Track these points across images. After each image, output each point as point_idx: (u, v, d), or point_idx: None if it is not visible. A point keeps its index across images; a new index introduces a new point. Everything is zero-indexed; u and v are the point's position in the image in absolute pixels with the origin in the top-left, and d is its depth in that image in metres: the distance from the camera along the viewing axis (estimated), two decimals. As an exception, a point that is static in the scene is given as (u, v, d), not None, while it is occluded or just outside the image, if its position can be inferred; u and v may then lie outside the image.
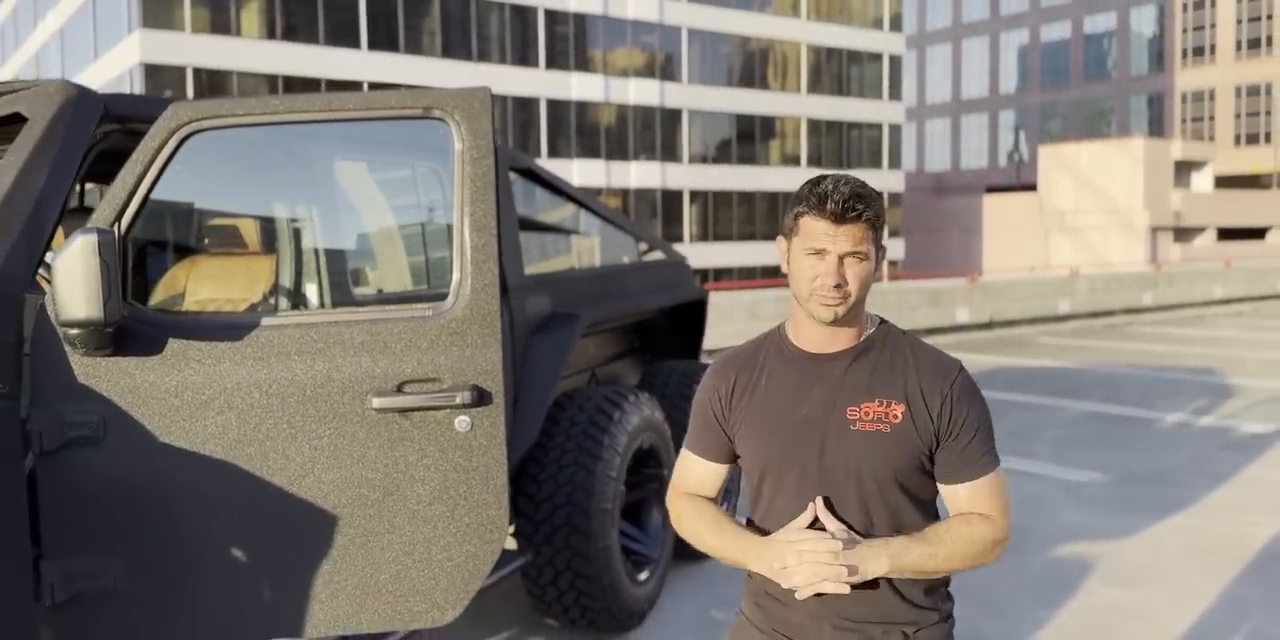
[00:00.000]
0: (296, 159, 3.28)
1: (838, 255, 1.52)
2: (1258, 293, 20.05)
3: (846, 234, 1.51)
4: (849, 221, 1.51)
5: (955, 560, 1.54)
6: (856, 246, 1.52)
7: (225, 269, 3.00)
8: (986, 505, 1.58)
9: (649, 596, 3.88)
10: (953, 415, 1.56)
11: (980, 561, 1.56)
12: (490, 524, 2.33)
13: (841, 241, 1.51)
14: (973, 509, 1.58)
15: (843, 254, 1.52)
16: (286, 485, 2.25)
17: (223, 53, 28.94)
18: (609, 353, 4.81)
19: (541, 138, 34.45)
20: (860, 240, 1.52)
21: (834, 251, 1.52)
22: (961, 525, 1.56)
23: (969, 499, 1.59)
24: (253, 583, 2.29)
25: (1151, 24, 51.69)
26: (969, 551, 1.54)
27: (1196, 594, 4.16)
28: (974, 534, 1.55)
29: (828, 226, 1.51)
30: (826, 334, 1.60)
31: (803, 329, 1.63)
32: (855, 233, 1.51)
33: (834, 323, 1.56)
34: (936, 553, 1.52)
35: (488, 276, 2.32)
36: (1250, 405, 8.59)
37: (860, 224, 1.52)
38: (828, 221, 1.51)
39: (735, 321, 11.42)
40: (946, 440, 1.57)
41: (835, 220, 1.51)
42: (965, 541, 1.54)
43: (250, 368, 2.25)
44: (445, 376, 2.30)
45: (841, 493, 1.57)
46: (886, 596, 1.57)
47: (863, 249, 1.52)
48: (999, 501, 1.59)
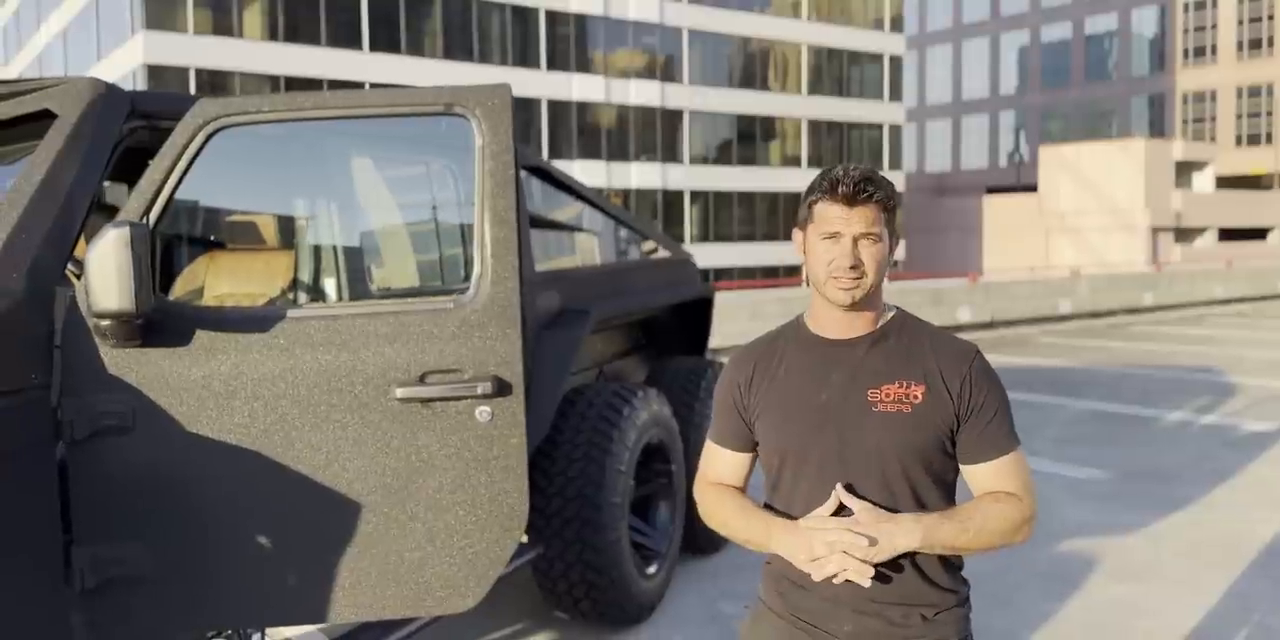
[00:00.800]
0: (314, 155, 3.32)
1: (852, 237, 1.56)
2: (1259, 293, 20.08)
3: (859, 216, 1.55)
4: (861, 203, 1.55)
5: (985, 536, 1.55)
6: (870, 228, 1.56)
7: (244, 264, 3.04)
8: (1011, 484, 1.61)
9: (657, 590, 3.92)
10: (973, 396, 1.59)
11: (1010, 540, 1.58)
12: (510, 512, 2.38)
13: (855, 223, 1.55)
14: (998, 488, 1.61)
15: (857, 236, 1.56)
16: (311, 474, 2.29)
17: (225, 54, 28.98)
18: (617, 349, 4.84)
19: (543, 138, 34.48)
20: (873, 222, 1.56)
21: (848, 233, 1.56)
22: (991, 502, 1.58)
23: (993, 478, 1.61)
24: (277, 569, 2.33)
25: (1153, 25, 51.68)
26: (1000, 528, 1.56)
27: (1201, 589, 4.20)
28: (1004, 511, 1.57)
29: (840, 209, 1.56)
30: (845, 320, 1.63)
31: (821, 316, 1.66)
32: (868, 214, 1.56)
33: (851, 306, 1.59)
34: (968, 528, 1.54)
35: (508, 269, 2.36)
36: (1252, 404, 8.62)
37: (872, 205, 1.56)
38: (840, 204, 1.56)
39: (738, 321, 11.47)
40: (967, 421, 1.60)
41: (847, 202, 1.55)
42: (996, 518, 1.56)
43: (276, 359, 2.29)
44: (466, 367, 2.34)
45: (864, 475, 1.59)
46: (910, 576, 1.59)
47: (876, 230, 1.56)
48: (1022, 480, 1.62)
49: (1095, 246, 35.22)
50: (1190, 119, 50.87)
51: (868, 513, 1.55)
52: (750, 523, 1.65)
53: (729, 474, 1.77)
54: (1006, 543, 1.59)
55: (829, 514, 1.57)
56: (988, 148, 56.54)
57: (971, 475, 1.64)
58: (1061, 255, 35.69)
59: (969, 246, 40.36)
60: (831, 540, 1.51)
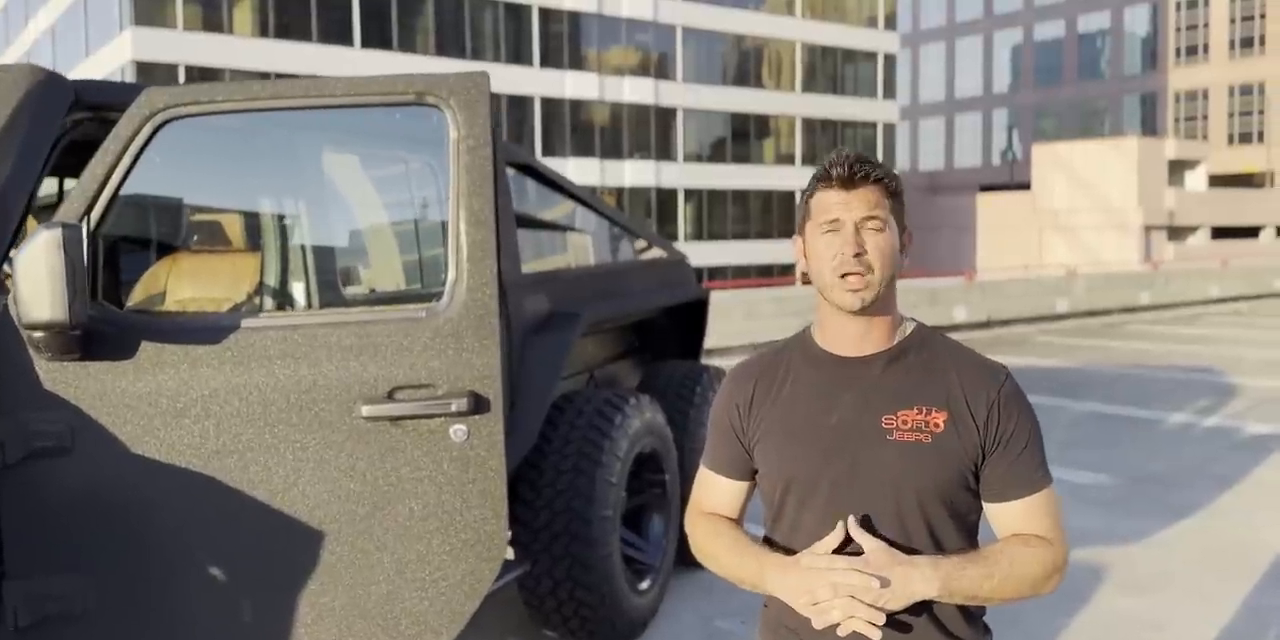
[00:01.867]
0: (282, 150, 3.14)
1: (853, 223, 1.40)
2: (1254, 292, 20.04)
3: (859, 199, 1.40)
4: (859, 184, 1.40)
5: (1011, 586, 1.37)
6: (872, 211, 1.40)
7: (208, 267, 2.87)
8: (1041, 526, 1.43)
9: (650, 606, 3.78)
10: (1000, 425, 1.42)
11: (1038, 590, 1.40)
12: (488, 540, 2.20)
13: (855, 207, 1.40)
14: (1026, 530, 1.43)
15: (858, 221, 1.40)
16: (269, 499, 2.11)
17: (215, 50, 28.80)
18: (608, 353, 4.69)
19: (536, 136, 34.36)
20: (874, 205, 1.40)
21: (848, 219, 1.40)
22: (1020, 546, 1.41)
23: (1021, 519, 1.43)
24: (232, 603, 2.15)
25: (1145, 23, 51.77)
26: (1027, 576, 1.38)
27: (1213, 601, 4.06)
28: (1034, 557, 1.39)
29: (838, 194, 1.41)
30: (857, 333, 1.45)
31: (830, 328, 1.48)
32: (868, 196, 1.40)
33: (863, 311, 1.41)
34: (993, 575, 1.36)
35: (485, 275, 2.18)
36: (1253, 405, 8.51)
37: (872, 186, 1.41)
38: (837, 189, 1.41)
39: (732, 320, 11.32)
40: (994, 453, 1.42)
41: (844, 185, 1.41)
42: (1025, 564, 1.38)
43: (230, 373, 2.11)
44: (440, 382, 2.16)
45: (876, 510, 1.41)
46: (925, 627, 1.41)
47: (879, 214, 1.40)
48: (1054, 520, 1.44)
49: (1089, 245, 35.23)
50: (1182, 117, 50.99)
51: (881, 553, 1.35)
52: (743, 559, 1.46)
53: (723, 504, 1.59)
54: (1034, 593, 1.41)
55: (832, 550, 1.37)
56: (981, 146, 56.61)
57: (996, 514, 1.46)
58: (1055, 254, 35.68)
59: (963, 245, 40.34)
60: (837, 581, 1.31)
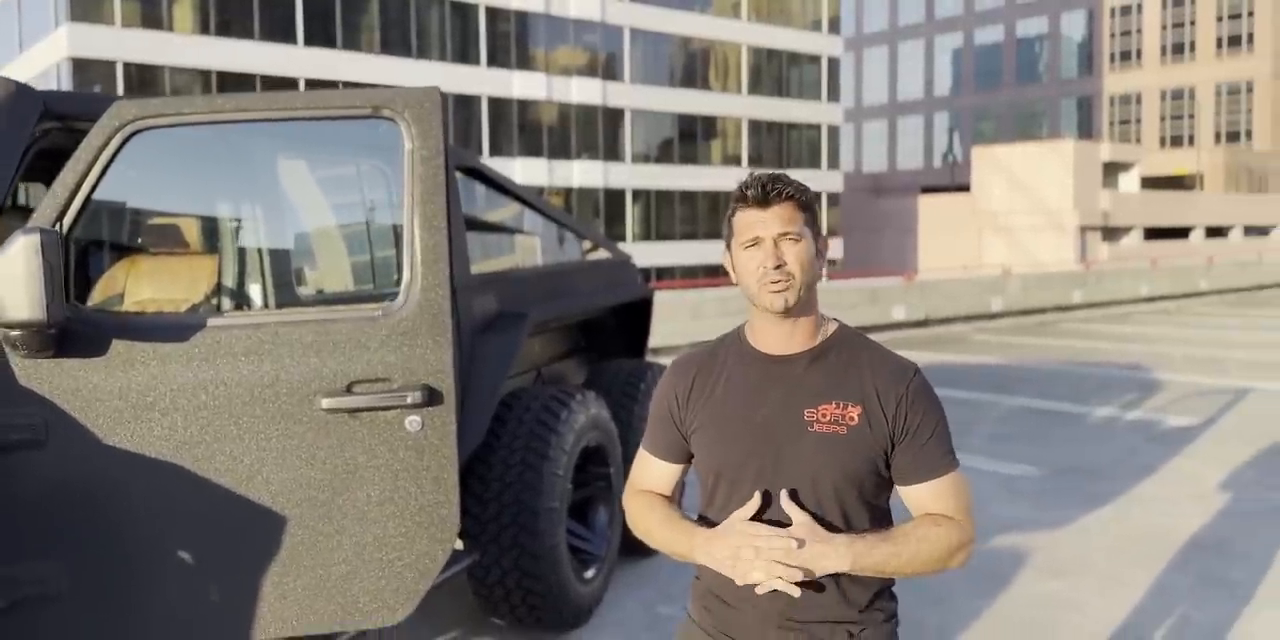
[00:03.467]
0: (240, 157, 3.24)
1: (771, 239, 1.56)
2: (1182, 291, 20.67)
3: (774, 216, 1.56)
4: (774, 202, 1.56)
5: (919, 563, 1.52)
6: (787, 226, 1.56)
7: (166, 269, 2.95)
8: (949, 506, 1.58)
9: (595, 594, 3.90)
10: (908, 417, 1.57)
11: (944, 565, 1.55)
12: (441, 523, 2.34)
13: (771, 224, 1.56)
14: (935, 510, 1.58)
15: (775, 236, 1.56)
16: (234, 487, 2.23)
17: (154, 48, 28.23)
18: (555, 352, 4.81)
19: (483, 136, 34.23)
20: (789, 220, 1.56)
21: (766, 235, 1.56)
22: (930, 526, 1.55)
23: (930, 500, 1.58)
24: (200, 586, 2.27)
25: (1081, 28, 53.00)
26: (934, 554, 1.53)
27: (1127, 583, 4.30)
28: (940, 535, 1.54)
29: (755, 213, 1.57)
30: (783, 334, 1.62)
31: (759, 331, 1.64)
32: (783, 213, 1.56)
33: (787, 313, 1.58)
34: (901, 553, 1.51)
35: (439, 276, 2.32)
36: (1176, 399, 8.87)
37: (786, 204, 1.56)
38: (754, 208, 1.57)
39: (678, 320, 11.48)
40: (903, 442, 1.57)
41: (760, 205, 1.56)
42: (931, 543, 1.53)
43: (196, 369, 2.22)
44: (395, 376, 2.30)
45: (797, 494, 1.57)
46: (832, 598, 1.57)
47: (794, 229, 1.56)
48: (961, 502, 1.59)
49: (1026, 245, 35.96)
50: (1117, 121, 52.30)
51: (803, 527, 1.52)
52: (674, 533, 1.63)
53: (658, 484, 1.75)
54: (940, 568, 1.56)
55: (750, 515, 1.54)
56: (923, 148, 57.50)
57: (908, 497, 1.62)
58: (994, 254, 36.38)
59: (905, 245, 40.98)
60: (760, 546, 1.48)
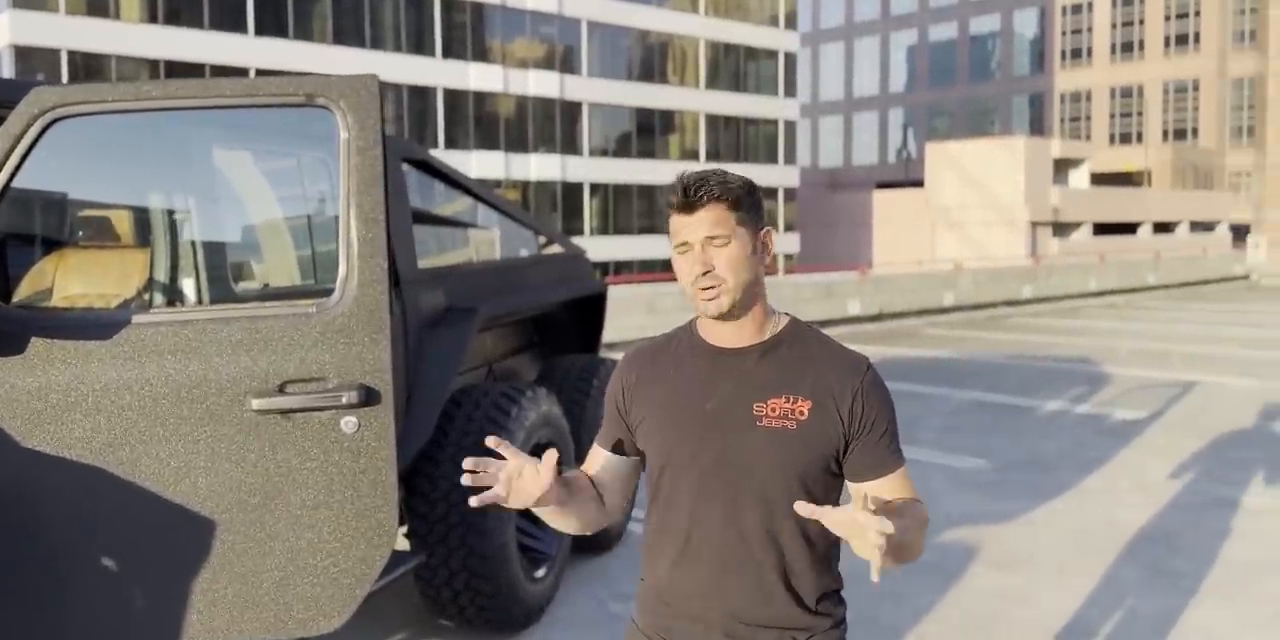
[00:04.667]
0: (174, 147, 3.13)
1: (698, 243, 1.50)
2: (1129, 285, 21.07)
3: (699, 220, 1.50)
4: (699, 206, 1.50)
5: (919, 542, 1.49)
6: (713, 230, 1.50)
7: (97, 263, 2.85)
8: (905, 495, 1.56)
9: (546, 593, 3.85)
10: (864, 413, 1.54)
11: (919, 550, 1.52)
12: (378, 528, 2.27)
13: (698, 228, 1.50)
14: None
15: (701, 240, 1.50)
16: (161, 491, 2.15)
17: (100, 36, 27.59)
18: (507, 347, 4.75)
19: (439, 128, 33.91)
20: (716, 223, 1.50)
21: (694, 240, 1.51)
22: (915, 504, 1.53)
23: (887, 493, 1.56)
24: (125, 594, 2.18)
25: (1033, 26, 53.76)
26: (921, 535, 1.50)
27: (1076, 576, 4.34)
28: (922, 511, 1.53)
29: (682, 218, 1.52)
30: (730, 330, 1.58)
31: (707, 326, 1.61)
32: (707, 217, 1.50)
33: (725, 317, 1.54)
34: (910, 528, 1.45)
35: (376, 271, 2.25)
36: (1123, 393, 9.01)
37: (711, 206, 1.50)
38: (681, 213, 1.52)
39: (635, 315, 11.46)
40: (858, 437, 1.55)
41: (686, 209, 1.51)
42: (922, 518, 1.52)
43: (121, 368, 2.13)
44: (331, 376, 2.22)
45: (742, 489, 1.54)
46: (784, 600, 1.55)
47: (720, 232, 1.50)
48: (913, 491, 1.59)
49: (978, 240, 36.41)
50: (1067, 118, 53.16)
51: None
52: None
53: (598, 474, 1.69)
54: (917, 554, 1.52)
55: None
56: (878, 144, 58.03)
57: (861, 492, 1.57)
58: (946, 249, 36.80)
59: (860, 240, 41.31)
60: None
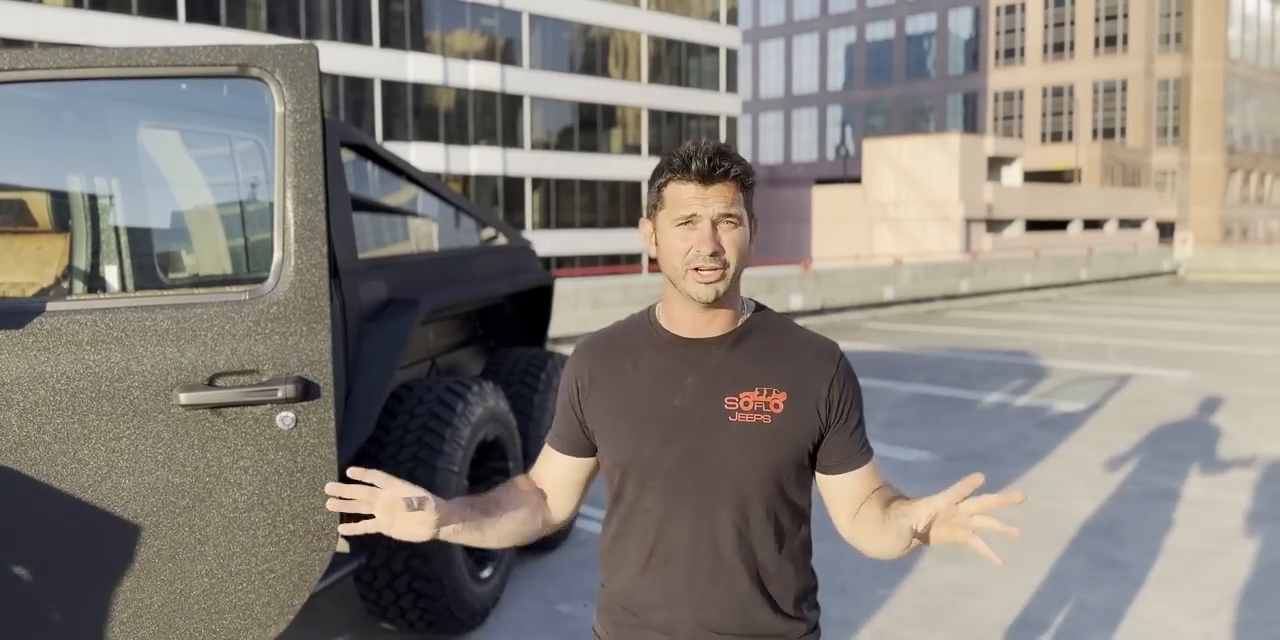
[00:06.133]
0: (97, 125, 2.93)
1: (710, 220, 1.39)
2: (1063, 280, 21.51)
3: (717, 194, 1.39)
4: (717, 180, 1.38)
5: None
6: (729, 208, 1.39)
7: (10, 249, 2.66)
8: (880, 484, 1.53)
9: (492, 594, 3.75)
10: (840, 401, 1.47)
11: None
12: (318, 530, 2.13)
13: (713, 203, 1.38)
14: (865, 493, 1.50)
15: (715, 218, 1.39)
16: (79, 493, 1.98)
17: (23, 20, 26.56)
18: (451, 341, 4.61)
19: (376, 120, 33.35)
20: (732, 202, 1.39)
21: (705, 215, 1.39)
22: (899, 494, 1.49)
23: (864, 483, 1.50)
24: (40, 603, 2.01)
25: (968, 26, 54.72)
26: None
27: (1023, 568, 4.34)
28: None
29: (695, 189, 1.39)
30: (703, 317, 1.46)
31: (675, 312, 1.48)
32: (726, 193, 1.39)
33: (713, 303, 1.43)
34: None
35: (314, 256, 2.10)
36: (1061, 385, 9.14)
37: (729, 183, 1.39)
38: (695, 183, 1.39)
39: (579, 309, 11.34)
40: (834, 426, 1.47)
41: (703, 180, 1.38)
42: None
43: (33, 359, 1.96)
44: (265, 368, 2.07)
45: (716, 491, 1.44)
46: (758, 606, 1.47)
47: (735, 212, 1.39)
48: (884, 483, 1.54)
49: (914, 236, 36.95)
50: (1001, 116, 54.21)
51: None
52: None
53: (547, 476, 1.59)
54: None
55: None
56: (817, 141, 58.63)
57: (836, 484, 1.51)
58: (884, 244, 37.29)
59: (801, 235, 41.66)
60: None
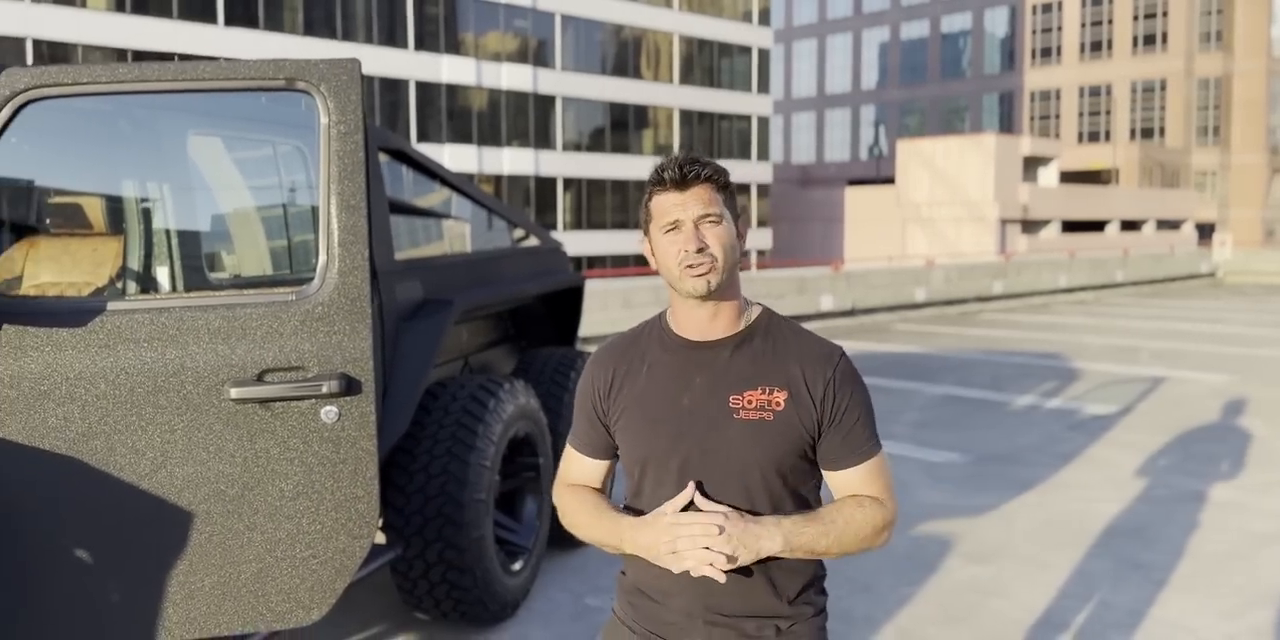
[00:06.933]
0: (148, 132, 3.07)
1: (692, 221, 1.52)
2: (1098, 282, 21.31)
3: (694, 197, 1.52)
4: (691, 184, 1.52)
5: (847, 542, 1.53)
6: (707, 208, 1.52)
7: (68, 250, 2.80)
8: (873, 488, 1.59)
9: (523, 586, 3.84)
10: (835, 402, 1.56)
11: (870, 545, 1.56)
12: (359, 518, 2.24)
13: (691, 206, 1.52)
14: (861, 492, 1.58)
15: (696, 219, 1.52)
16: (137, 481, 2.11)
17: (66, 25, 27.13)
18: (483, 340, 4.72)
19: (411, 121, 33.67)
20: (709, 202, 1.53)
21: (687, 218, 1.52)
22: (854, 507, 1.56)
23: (857, 483, 1.59)
24: (101, 586, 2.14)
25: (1004, 25, 54.20)
26: (860, 533, 1.54)
27: (1048, 568, 4.38)
28: (865, 516, 1.55)
29: (674, 196, 1.53)
30: (706, 319, 1.58)
31: (682, 317, 1.61)
32: (702, 195, 1.53)
33: (709, 296, 1.54)
34: (829, 532, 1.51)
35: (356, 259, 2.22)
36: (1093, 388, 9.11)
37: (704, 185, 1.53)
38: (673, 191, 1.53)
39: (610, 309, 11.44)
40: (830, 426, 1.56)
41: (678, 186, 1.53)
42: (859, 524, 1.54)
43: (95, 356, 2.09)
44: (310, 364, 2.19)
45: (724, 483, 1.54)
46: (762, 591, 1.56)
47: (714, 211, 1.53)
48: (884, 484, 1.60)
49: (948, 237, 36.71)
50: (1037, 116, 53.64)
51: (732, 513, 1.50)
52: (602, 523, 1.60)
53: (586, 478, 1.71)
54: (867, 547, 1.57)
55: (680, 509, 1.51)
56: (850, 141, 58.31)
57: (834, 480, 1.61)
58: (916, 245, 37.08)
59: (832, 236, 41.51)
60: (695, 533, 1.46)
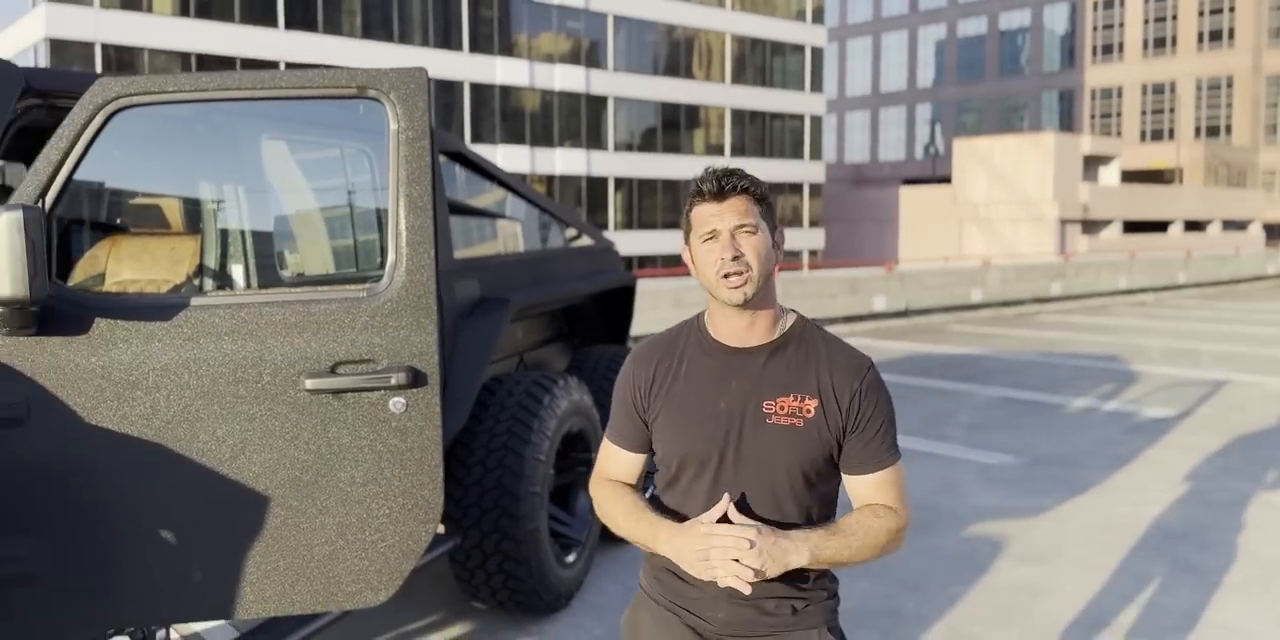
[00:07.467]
0: (224, 137, 3.22)
1: (728, 231, 1.59)
2: (1159, 283, 20.87)
3: (730, 208, 1.60)
4: (729, 195, 1.60)
5: (866, 551, 1.62)
6: (743, 219, 1.59)
7: (147, 249, 2.94)
8: (888, 496, 1.68)
9: (576, 578, 3.92)
10: (860, 410, 1.64)
11: (884, 552, 1.65)
12: (425, 505, 2.35)
13: (728, 216, 1.59)
14: (875, 499, 1.67)
15: (732, 229, 1.59)
16: (217, 467, 2.23)
17: (133, 29, 27.92)
18: (537, 337, 4.82)
19: (465, 122, 34.07)
20: (745, 213, 1.60)
21: (723, 228, 1.59)
22: (871, 517, 1.65)
23: (872, 490, 1.68)
24: (181, 565, 2.27)
25: (1064, 21, 53.26)
26: (878, 542, 1.63)
27: (1100, 570, 4.36)
28: (882, 525, 1.64)
29: (711, 207, 1.61)
30: (743, 326, 1.66)
31: (719, 322, 1.69)
32: (738, 206, 1.60)
33: (746, 305, 1.62)
34: (851, 544, 1.61)
35: (424, 258, 2.32)
36: (1151, 391, 8.97)
37: (741, 196, 1.61)
38: (710, 202, 1.61)
39: (661, 308, 11.51)
40: (853, 433, 1.65)
41: (716, 198, 1.60)
42: (875, 533, 1.63)
43: (180, 348, 2.22)
44: (380, 358, 2.30)
45: (756, 483, 1.64)
46: (784, 578, 1.63)
47: (750, 221, 1.60)
48: (899, 492, 1.69)
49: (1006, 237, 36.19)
50: (1098, 114, 52.64)
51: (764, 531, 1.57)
52: (639, 525, 1.68)
53: (623, 472, 1.80)
54: (882, 555, 1.66)
55: (716, 519, 1.59)
56: (905, 139, 57.69)
57: (852, 484, 1.70)
58: (973, 245, 36.61)
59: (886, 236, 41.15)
60: (728, 545, 1.53)
